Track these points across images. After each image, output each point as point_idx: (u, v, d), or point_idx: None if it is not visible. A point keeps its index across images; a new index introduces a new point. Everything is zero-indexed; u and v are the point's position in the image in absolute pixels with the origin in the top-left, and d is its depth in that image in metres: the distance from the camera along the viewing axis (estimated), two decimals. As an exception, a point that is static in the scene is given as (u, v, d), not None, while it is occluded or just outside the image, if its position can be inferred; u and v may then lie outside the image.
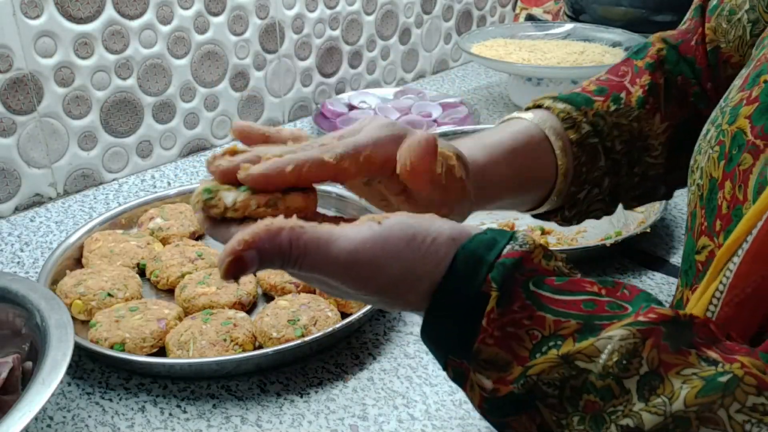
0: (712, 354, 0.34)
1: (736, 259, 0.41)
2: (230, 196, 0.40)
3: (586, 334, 0.35)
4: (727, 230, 0.44)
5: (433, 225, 0.39)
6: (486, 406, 0.38)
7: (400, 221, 0.39)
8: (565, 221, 0.62)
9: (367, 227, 0.38)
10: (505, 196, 0.57)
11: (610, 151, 0.60)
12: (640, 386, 0.34)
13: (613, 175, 0.61)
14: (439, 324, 0.39)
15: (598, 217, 0.64)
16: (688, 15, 0.66)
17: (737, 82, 0.51)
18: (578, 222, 0.63)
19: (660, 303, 0.37)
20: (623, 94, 0.62)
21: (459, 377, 0.39)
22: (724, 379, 0.32)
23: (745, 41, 0.59)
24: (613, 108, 0.61)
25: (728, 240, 0.42)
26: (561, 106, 0.59)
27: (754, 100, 0.46)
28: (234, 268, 0.36)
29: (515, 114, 0.61)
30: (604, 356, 0.34)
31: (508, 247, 0.38)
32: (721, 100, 0.51)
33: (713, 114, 0.51)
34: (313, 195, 0.43)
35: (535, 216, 0.63)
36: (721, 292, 0.42)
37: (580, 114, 0.59)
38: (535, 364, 0.36)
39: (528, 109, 0.62)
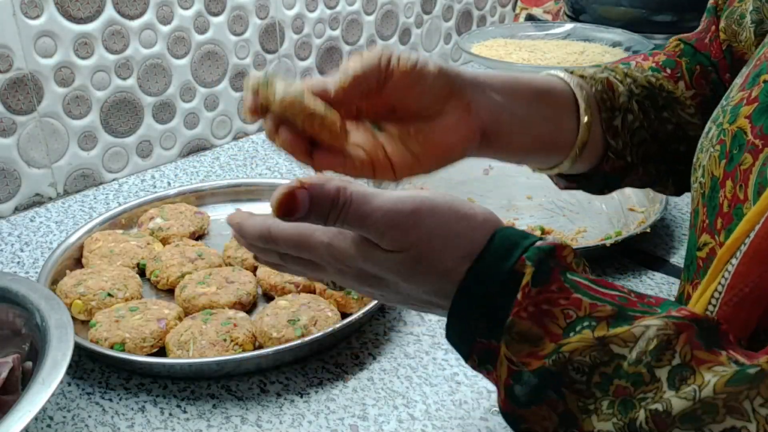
0: (741, 357, 0.35)
1: (734, 260, 0.41)
2: (282, 90, 0.42)
3: (620, 321, 0.37)
4: (728, 228, 0.44)
5: (470, 203, 0.42)
6: (512, 381, 0.38)
7: (443, 193, 0.42)
8: (619, 156, 0.57)
9: (408, 192, 0.41)
10: (523, 120, 0.53)
11: (627, 91, 0.57)
12: (671, 375, 0.35)
13: (640, 107, 0.58)
14: (472, 300, 0.40)
15: (650, 155, 0.59)
16: (702, 17, 0.67)
17: (738, 80, 0.51)
18: (634, 162, 0.58)
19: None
20: (632, 63, 0.62)
21: (486, 359, 0.39)
22: (752, 371, 0.33)
23: (751, 42, 0.59)
24: (622, 66, 0.60)
25: (728, 240, 0.42)
26: (572, 69, 0.59)
27: (754, 100, 0.46)
28: (286, 202, 0.39)
29: None
30: (641, 342, 0.35)
31: (540, 241, 0.40)
32: (723, 99, 0.51)
33: (715, 112, 0.51)
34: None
35: (578, 179, 0.59)
36: (720, 293, 0.42)
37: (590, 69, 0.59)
38: (569, 342, 0.37)
39: None
